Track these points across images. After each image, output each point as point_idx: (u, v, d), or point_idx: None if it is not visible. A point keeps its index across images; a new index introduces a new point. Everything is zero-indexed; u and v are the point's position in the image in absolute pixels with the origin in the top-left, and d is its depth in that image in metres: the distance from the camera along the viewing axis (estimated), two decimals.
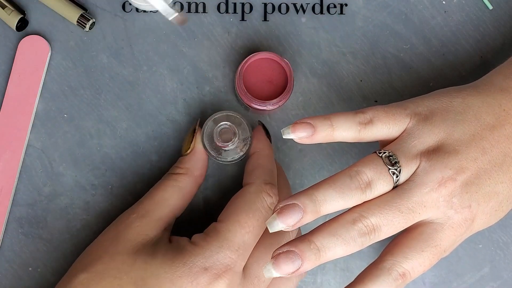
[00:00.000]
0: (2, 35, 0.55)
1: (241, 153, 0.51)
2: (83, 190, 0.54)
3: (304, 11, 0.56)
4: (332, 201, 0.41)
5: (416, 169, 0.42)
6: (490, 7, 0.56)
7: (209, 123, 0.51)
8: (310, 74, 0.55)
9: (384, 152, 0.43)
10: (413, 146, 0.43)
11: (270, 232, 0.41)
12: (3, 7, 0.54)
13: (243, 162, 0.54)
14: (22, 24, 0.55)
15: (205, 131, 0.51)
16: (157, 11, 0.55)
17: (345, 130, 0.44)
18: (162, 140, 0.54)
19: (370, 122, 0.44)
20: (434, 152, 0.43)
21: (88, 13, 0.55)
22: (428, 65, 0.56)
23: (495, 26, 0.56)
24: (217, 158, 0.51)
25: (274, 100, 0.51)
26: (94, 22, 0.55)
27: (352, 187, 0.41)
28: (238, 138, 0.50)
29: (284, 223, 0.40)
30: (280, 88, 0.52)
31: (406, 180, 0.42)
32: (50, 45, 0.55)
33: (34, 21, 0.55)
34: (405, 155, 0.42)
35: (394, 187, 0.42)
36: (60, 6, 0.55)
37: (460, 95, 0.45)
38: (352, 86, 0.55)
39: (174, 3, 0.56)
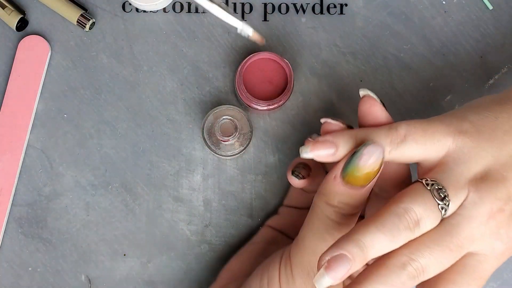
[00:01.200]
0: (2, 35, 0.55)
1: (241, 148, 0.51)
2: (83, 190, 0.54)
3: (304, 11, 0.56)
4: (381, 245, 0.37)
5: (464, 200, 0.39)
6: (490, 7, 0.56)
7: (209, 117, 0.51)
8: (310, 74, 0.55)
9: (432, 184, 0.38)
10: (460, 174, 0.39)
11: None
12: (3, 7, 0.54)
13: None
14: (22, 24, 0.55)
15: (205, 124, 0.51)
16: (157, 11, 0.55)
17: None
18: (162, 140, 0.54)
19: (403, 141, 0.39)
20: (482, 181, 0.39)
21: (88, 13, 0.55)
22: (428, 65, 0.55)
23: (495, 26, 0.56)
24: (216, 152, 0.51)
25: (274, 100, 0.51)
26: (94, 22, 0.55)
27: (401, 227, 0.37)
28: (239, 133, 0.50)
29: (333, 279, 0.36)
30: (280, 88, 0.52)
31: (453, 213, 0.39)
32: (50, 45, 0.55)
33: (34, 21, 0.55)
34: (454, 185, 0.38)
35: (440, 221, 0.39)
36: (60, 6, 0.54)
37: (504, 109, 0.41)
38: (352, 86, 0.55)
39: (174, 3, 0.55)
